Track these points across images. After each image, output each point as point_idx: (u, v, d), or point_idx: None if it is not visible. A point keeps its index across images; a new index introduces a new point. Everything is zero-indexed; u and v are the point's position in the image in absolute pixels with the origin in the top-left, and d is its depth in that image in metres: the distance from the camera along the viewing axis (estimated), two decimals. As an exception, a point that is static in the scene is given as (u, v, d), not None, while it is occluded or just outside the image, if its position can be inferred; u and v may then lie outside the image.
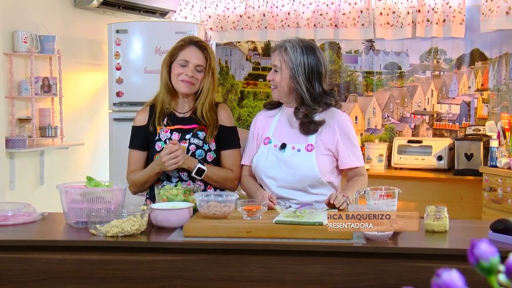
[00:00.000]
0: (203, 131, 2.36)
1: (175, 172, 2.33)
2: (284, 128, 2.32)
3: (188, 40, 2.37)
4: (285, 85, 2.26)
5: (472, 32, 4.43)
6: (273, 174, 2.25)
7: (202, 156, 2.35)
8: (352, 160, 2.28)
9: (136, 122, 2.45)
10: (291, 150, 2.25)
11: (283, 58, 2.24)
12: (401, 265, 1.74)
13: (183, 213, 1.99)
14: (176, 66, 2.34)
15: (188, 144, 2.34)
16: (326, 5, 4.84)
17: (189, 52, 2.33)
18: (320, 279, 1.77)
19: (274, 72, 2.28)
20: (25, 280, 1.85)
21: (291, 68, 2.22)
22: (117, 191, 2.09)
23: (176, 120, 2.38)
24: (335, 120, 2.27)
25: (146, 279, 1.84)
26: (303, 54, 2.23)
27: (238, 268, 1.81)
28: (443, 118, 4.65)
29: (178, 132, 2.36)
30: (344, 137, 2.26)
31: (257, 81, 5.23)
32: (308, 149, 2.22)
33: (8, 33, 3.97)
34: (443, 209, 1.91)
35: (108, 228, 1.89)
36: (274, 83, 2.28)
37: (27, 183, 4.17)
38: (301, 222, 1.86)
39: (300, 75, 2.22)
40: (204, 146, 2.35)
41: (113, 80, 4.43)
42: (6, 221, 2.07)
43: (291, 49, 2.23)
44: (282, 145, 2.27)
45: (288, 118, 2.33)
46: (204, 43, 2.39)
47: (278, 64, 2.25)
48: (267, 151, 2.29)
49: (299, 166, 2.22)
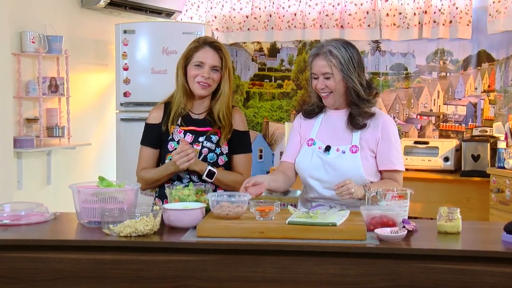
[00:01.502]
0: (216, 134, 2.37)
1: (186, 174, 2.34)
2: (327, 131, 2.30)
3: (203, 41, 2.36)
4: (341, 87, 2.23)
5: (479, 33, 4.43)
6: (318, 176, 2.24)
7: (214, 160, 2.36)
8: (390, 161, 2.23)
9: (150, 119, 2.45)
10: (336, 152, 2.23)
11: (332, 62, 2.19)
12: (414, 266, 1.74)
13: (196, 213, 2.00)
14: (192, 67, 2.34)
15: (201, 147, 2.35)
16: (332, 6, 4.85)
17: (204, 53, 2.33)
18: (333, 280, 1.77)
19: (324, 80, 2.22)
20: (39, 280, 1.86)
21: (341, 69, 2.19)
22: (129, 191, 2.09)
23: (191, 121, 2.39)
24: (379, 121, 2.26)
25: (159, 279, 1.84)
26: (347, 50, 2.21)
27: (251, 269, 1.81)
28: (449, 119, 4.65)
29: (192, 134, 2.37)
30: (386, 137, 2.24)
31: (263, 82, 5.23)
32: (353, 150, 2.21)
33: (16, 33, 3.98)
34: (456, 211, 1.91)
35: (121, 228, 1.89)
36: (328, 89, 2.23)
37: (34, 183, 4.18)
38: (314, 222, 1.86)
39: (352, 72, 2.20)
40: (216, 149, 2.36)
41: (120, 80, 4.44)
42: (19, 221, 2.08)
43: (336, 50, 2.20)
44: (327, 147, 2.25)
45: (332, 121, 2.31)
46: (219, 43, 2.39)
47: (329, 70, 2.20)
48: (311, 153, 2.27)
49: (345, 168, 2.20)
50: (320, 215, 1.91)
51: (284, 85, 5.15)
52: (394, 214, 1.94)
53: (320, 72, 2.23)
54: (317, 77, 2.24)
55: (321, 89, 2.25)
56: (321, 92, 2.26)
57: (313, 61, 2.25)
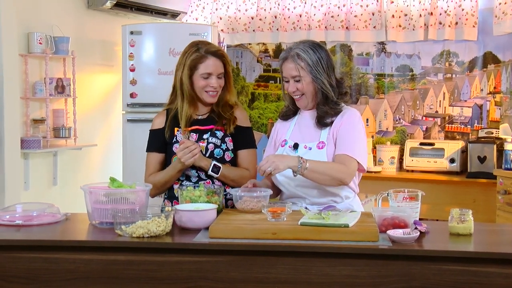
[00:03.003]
0: (220, 130, 2.39)
1: (194, 171, 2.35)
2: (300, 130, 2.33)
3: (205, 50, 2.35)
4: (311, 89, 2.25)
5: (484, 34, 4.43)
6: (288, 173, 2.25)
7: (221, 155, 2.38)
8: (345, 145, 2.19)
9: (153, 126, 2.48)
10: (303, 149, 2.27)
11: (300, 65, 2.22)
12: (427, 267, 1.74)
13: (208, 214, 2.00)
14: (199, 79, 2.35)
15: (206, 144, 2.36)
16: (337, 7, 4.85)
17: (210, 65, 2.34)
18: (346, 281, 1.78)
19: (295, 82, 2.25)
20: (52, 280, 1.86)
21: (310, 71, 2.22)
22: (141, 192, 2.10)
23: (194, 122, 2.41)
24: (342, 114, 2.27)
25: (172, 280, 1.84)
26: (315, 52, 2.23)
27: (264, 270, 1.81)
28: (455, 120, 4.65)
29: (196, 133, 2.39)
30: (346, 126, 2.23)
31: (268, 83, 5.24)
32: (319, 146, 2.24)
33: (24, 34, 3.99)
34: (468, 212, 1.91)
35: (133, 229, 1.90)
36: (299, 92, 2.26)
37: (40, 184, 4.19)
38: (326, 224, 1.87)
39: (321, 74, 2.22)
40: (222, 145, 2.38)
41: (127, 81, 4.45)
42: (31, 221, 2.08)
43: (304, 53, 2.22)
44: (295, 145, 2.29)
45: (304, 121, 2.34)
46: (221, 50, 2.42)
47: (296, 73, 2.23)
48: (282, 153, 2.31)
49: None
50: (332, 216, 1.91)
51: (289, 86, 5.14)
52: (405, 216, 1.94)
53: (289, 75, 2.26)
54: (288, 80, 2.27)
55: (293, 92, 2.28)
56: (293, 94, 2.29)
57: (283, 65, 2.28)
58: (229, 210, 2.21)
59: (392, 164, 4.59)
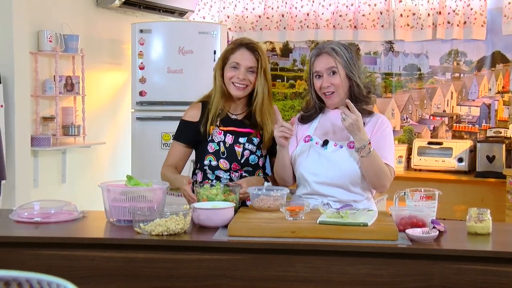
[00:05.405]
0: (256, 136, 2.40)
1: (227, 174, 2.36)
2: (325, 128, 2.32)
3: (239, 42, 2.38)
4: (345, 85, 2.25)
5: (493, 34, 4.43)
6: (314, 169, 2.24)
7: (255, 162, 2.39)
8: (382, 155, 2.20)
9: (186, 116, 2.45)
10: (333, 147, 2.25)
11: (336, 58, 2.23)
12: (447, 267, 1.74)
13: (226, 213, 2.01)
14: (228, 69, 2.36)
15: (242, 149, 2.37)
16: (345, 6, 4.85)
17: (239, 55, 2.34)
18: (365, 280, 1.78)
19: (329, 76, 2.23)
20: (71, 277, 1.83)
21: (345, 66, 2.22)
22: (158, 190, 2.10)
23: (230, 122, 2.40)
24: (376, 120, 2.28)
25: (191, 278, 1.85)
26: (348, 51, 2.26)
27: (283, 268, 1.82)
28: (462, 120, 4.65)
29: (232, 134, 2.39)
30: (381, 133, 2.26)
31: (275, 82, 5.23)
32: (351, 146, 2.22)
33: (34, 33, 4.00)
34: (486, 212, 1.92)
35: (152, 227, 1.90)
36: (334, 87, 2.24)
37: (49, 181, 4.20)
38: (345, 222, 1.87)
39: (355, 71, 2.24)
40: (257, 151, 2.39)
41: (136, 79, 4.45)
42: (48, 219, 2.09)
43: (339, 49, 2.24)
44: (325, 141, 2.27)
45: (330, 119, 2.32)
46: (255, 44, 2.39)
47: (334, 64, 2.22)
48: (308, 148, 2.28)
49: (342, 162, 2.21)
50: (351, 215, 1.92)
51: (297, 85, 5.15)
52: (423, 215, 1.95)
53: (324, 68, 2.23)
54: (321, 75, 2.25)
55: (326, 87, 2.24)
56: (326, 90, 2.26)
57: (316, 60, 2.26)
58: (246, 208, 2.22)
59: (400, 163, 4.59)
